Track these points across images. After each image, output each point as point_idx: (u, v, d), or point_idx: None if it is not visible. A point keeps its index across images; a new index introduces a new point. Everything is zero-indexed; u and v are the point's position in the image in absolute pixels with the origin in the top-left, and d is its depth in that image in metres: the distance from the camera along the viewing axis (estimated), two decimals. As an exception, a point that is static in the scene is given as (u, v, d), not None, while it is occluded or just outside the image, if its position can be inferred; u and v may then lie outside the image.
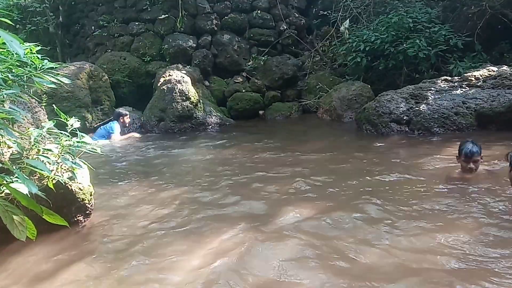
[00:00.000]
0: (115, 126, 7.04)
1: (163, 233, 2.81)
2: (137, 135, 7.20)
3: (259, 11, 9.48)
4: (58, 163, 2.56)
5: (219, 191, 3.66)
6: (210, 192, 3.67)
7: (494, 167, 3.79)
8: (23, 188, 2.02)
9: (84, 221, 3.01)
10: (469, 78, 6.22)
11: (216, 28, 9.25)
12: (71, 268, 2.38)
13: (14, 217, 2.00)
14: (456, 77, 6.48)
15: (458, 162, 3.67)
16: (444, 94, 6.05)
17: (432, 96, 6.05)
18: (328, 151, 5.14)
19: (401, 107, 6.06)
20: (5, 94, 2.47)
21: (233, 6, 9.43)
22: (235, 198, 3.45)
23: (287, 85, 9.26)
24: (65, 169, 2.69)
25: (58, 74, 3.14)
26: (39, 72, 2.97)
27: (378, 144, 5.32)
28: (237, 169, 4.49)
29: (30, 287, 2.22)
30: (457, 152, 3.66)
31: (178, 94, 7.34)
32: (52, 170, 2.52)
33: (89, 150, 2.66)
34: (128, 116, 7.31)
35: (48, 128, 2.61)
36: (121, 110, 7.55)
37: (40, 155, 2.44)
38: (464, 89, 6.10)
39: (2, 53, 2.77)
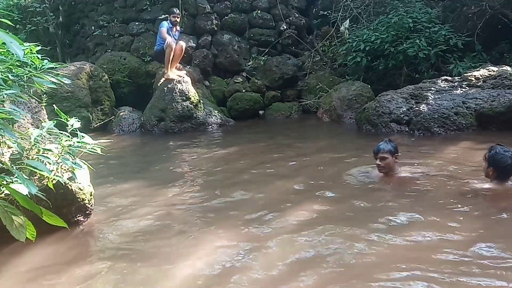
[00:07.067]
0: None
1: (163, 233, 2.81)
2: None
3: (259, 11, 9.47)
4: (58, 163, 2.56)
5: (219, 192, 3.65)
6: (210, 192, 3.66)
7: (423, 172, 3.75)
8: (22, 189, 2.02)
9: (84, 221, 3.01)
10: (469, 78, 6.23)
11: (216, 28, 9.25)
12: (71, 268, 2.38)
13: (14, 218, 1.99)
14: (456, 77, 6.48)
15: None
16: (444, 94, 6.05)
17: (432, 96, 6.04)
18: (328, 151, 5.13)
19: (401, 107, 6.06)
20: (5, 94, 2.47)
21: (233, 6, 9.42)
22: (236, 199, 3.44)
23: (287, 85, 9.25)
24: (65, 169, 2.69)
25: (58, 74, 3.15)
26: (39, 72, 2.97)
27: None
28: (237, 169, 4.49)
29: (30, 288, 2.22)
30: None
31: (178, 94, 7.34)
32: (52, 171, 2.51)
33: (90, 150, 2.66)
34: (174, 15, 7.49)
35: (48, 128, 2.61)
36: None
37: (40, 155, 2.44)
38: (464, 89, 6.10)
39: (2, 53, 2.77)
